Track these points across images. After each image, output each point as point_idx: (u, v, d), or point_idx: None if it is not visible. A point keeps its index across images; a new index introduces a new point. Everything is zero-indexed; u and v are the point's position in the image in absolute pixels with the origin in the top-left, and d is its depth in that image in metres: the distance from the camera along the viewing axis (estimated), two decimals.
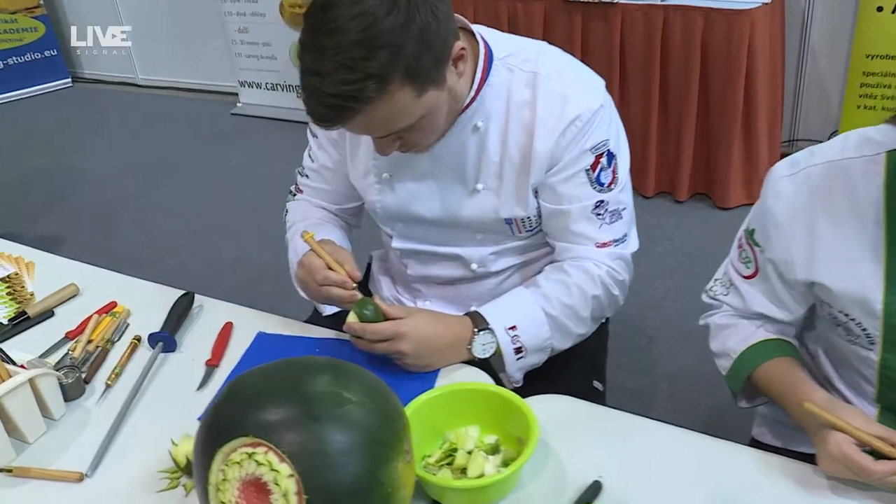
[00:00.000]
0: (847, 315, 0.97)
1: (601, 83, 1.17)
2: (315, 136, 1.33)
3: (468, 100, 1.13)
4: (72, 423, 1.11)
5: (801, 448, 1.09)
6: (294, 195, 1.42)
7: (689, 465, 0.95)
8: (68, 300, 1.39)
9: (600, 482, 0.92)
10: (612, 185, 1.17)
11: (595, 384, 1.34)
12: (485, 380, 1.11)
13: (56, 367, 1.18)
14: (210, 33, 4.80)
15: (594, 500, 0.90)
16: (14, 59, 5.41)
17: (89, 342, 1.26)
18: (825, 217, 0.94)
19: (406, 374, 1.12)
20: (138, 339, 1.27)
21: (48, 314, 1.36)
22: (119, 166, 4.16)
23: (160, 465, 1.01)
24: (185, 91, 5.27)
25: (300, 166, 1.39)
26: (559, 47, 1.20)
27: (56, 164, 4.26)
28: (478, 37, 1.14)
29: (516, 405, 0.96)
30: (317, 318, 1.37)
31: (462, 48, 1.05)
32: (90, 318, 1.32)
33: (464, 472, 0.93)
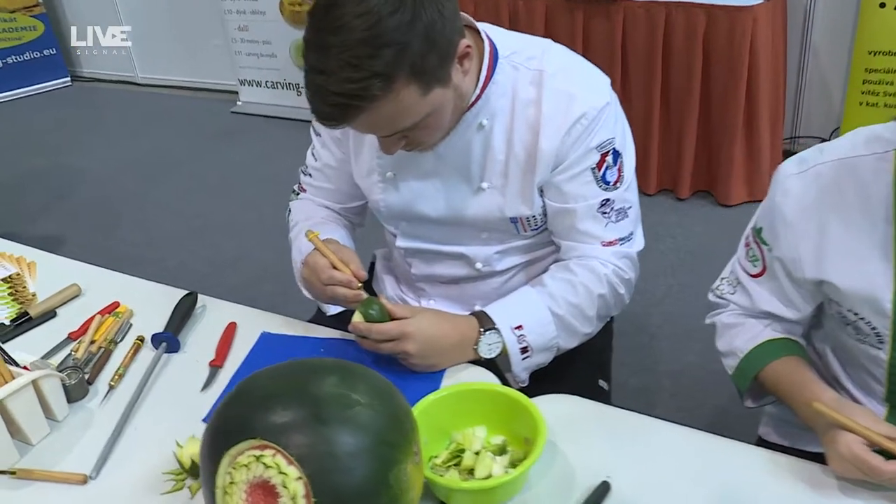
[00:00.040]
0: (856, 314, 0.96)
1: (607, 81, 1.17)
2: (318, 134, 1.32)
3: (473, 98, 1.12)
4: (75, 424, 1.10)
5: (808, 447, 1.09)
6: (297, 194, 1.41)
7: (698, 465, 0.95)
8: (70, 300, 1.39)
9: (608, 482, 0.91)
10: (618, 184, 1.16)
11: (601, 383, 1.33)
12: (491, 380, 1.11)
13: (59, 368, 1.18)
14: (210, 31, 4.79)
15: (603, 500, 0.89)
16: (13, 57, 5.40)
17: (92, 343, 1.25)
18: (834, 215, 0.93)
19: (411, 374, 1.12)
20: (141, 340, 1.26)
21: (50, 315, 1.35)
22: (119, 165, 4.15)
23: (164, 466, 1.00)
24: (184, 89, 5.26)
25: (303, 165, 1.39)
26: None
27: (55, 164, 4.25)
28: (483, 35, 1.13)
29: (523, 405, 0.95)
30: (320, 317, 1.36)
31: (468, 46, 1.04)
32: (93, 318, 1.31)
33: (471, 472, 0.92)
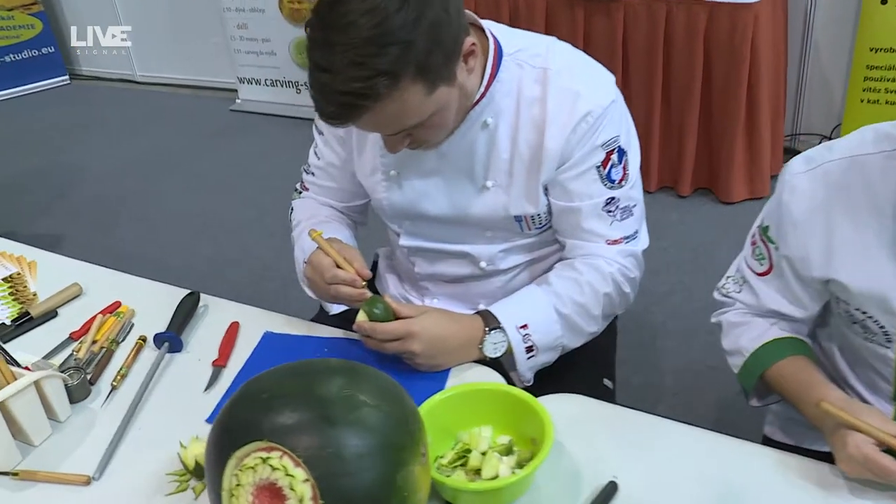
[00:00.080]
0: (864, 312, 0.95)
1: (611, 78, 1.16)
2: (321, 133, 1.32)
3: (478, 96, 1.11)
4: (78, 425, 1.10)
5: (814, 446, 1.08)
6: (299, 193, 1.40)
7: (705, 465, 0.94)
8: (72, 300, 1.38)
9: (616, 483, 0.91)
10: (623, 182, 1.16)
11: (605, 382, 1.33)
12: (496, 379, 1.10)
13: (61, 368, 1.17)
14: (209, 29, 4.77)
15: (610, 501, 0.89)
16: (11, 56, 5.39)
17: (94, 343, 1.25)
18: (843, 214, 0.93)
19: (416, 373, 1.11)
20: (143, 340, 1.25)
21: (51, 314, 1.34)
22: (118, 164, 4.14)
23: (168, 467, 0.99)
24: (183, 88, 5.24)
25: (305, 164, 1.38)
26: None
27: (54, 163, 4.24)
28: (487, 33, 1.12)
29: (530, 405, 0.94)
30: (323, 316, 1.35)
31: (473, 44, 1.03)
32: (94, 318, 1.30)
33: (477, 473, 0.92)
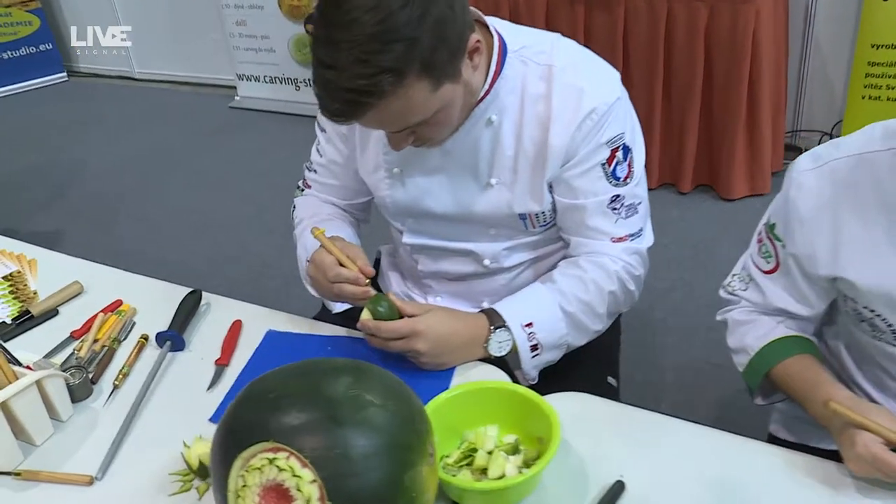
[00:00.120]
0: (872, 311, 0.95)
1: (616, 75, 1.15)
2: (323, 130, 1.31)
3: (482, 93, 1.10)
4: (80, 424, 1.09)
5: (820, 444, 1.08)
6: (302, 190, 1.40)
7: (712, 463, 0.94)
8: (72, 298, 1.37)
9: (623, 482, 0.90)
10: (628, 179, 1.15)
11: (609, 380, 1.32)
12: (501, 377, 1.10)
13: (62, 367, 1.16)
14: (207, 26, 4.76)
15: (617, 500, 0.88)
16: (8, 53, 5.38)
17: (95, 341, 1.24)
18: (851, 211, 0.92)
19: (421, 372, 1.10)
20: (145, 338, 1.25)
21: (52, 313, 1.34)
22: (116, 161, 4.13)
23: (171, 467, 0.99)
24: (182, 85, 5.24)
25: (308, 161, 1.37)
26: None
27: (52, 160, 4.23)
28: (492, 29, 1.11)
29: (536, 404, 0.94)
30: (325, 314, 1.35)
31: (477, 41, 1.03)
32: (95, 316, 1.30)
33: (484, 472, 0.91)
